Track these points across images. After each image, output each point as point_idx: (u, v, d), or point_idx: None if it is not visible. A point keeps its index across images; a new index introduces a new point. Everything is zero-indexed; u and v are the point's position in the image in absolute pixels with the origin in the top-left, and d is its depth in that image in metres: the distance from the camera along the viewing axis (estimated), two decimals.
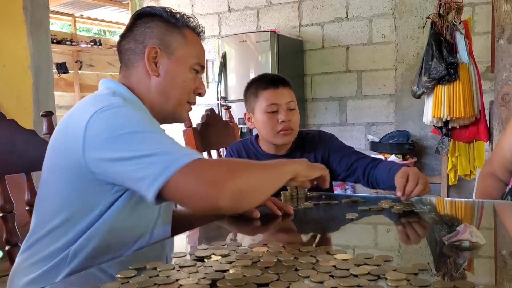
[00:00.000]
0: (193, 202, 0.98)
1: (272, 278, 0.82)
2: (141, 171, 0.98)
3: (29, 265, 1.14)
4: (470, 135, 3.74)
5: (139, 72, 1.23)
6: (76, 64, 7.92)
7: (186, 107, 1.29)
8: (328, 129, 4.85)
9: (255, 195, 1.05)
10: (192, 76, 1.27)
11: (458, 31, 3.59)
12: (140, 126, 1.03)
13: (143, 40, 1.22)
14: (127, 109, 1.08)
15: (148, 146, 1.00)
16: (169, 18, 1.25)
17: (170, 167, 0.96)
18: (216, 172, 0.98)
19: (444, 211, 1.51)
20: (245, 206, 1.11)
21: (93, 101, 1.11)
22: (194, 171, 0.97)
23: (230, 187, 0.96)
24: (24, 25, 3.65)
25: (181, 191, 0.97)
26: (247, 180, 1.02)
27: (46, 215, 1.13)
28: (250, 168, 1.07)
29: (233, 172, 0.99)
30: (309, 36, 4.92)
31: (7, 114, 1.38)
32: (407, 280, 0.79)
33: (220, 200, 0.95)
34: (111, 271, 0.93)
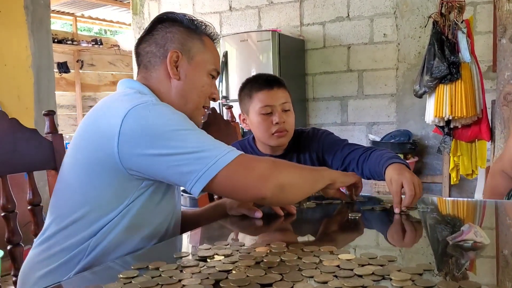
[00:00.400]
0: (241, 192, 1.09)
1: (276, 278, 0.81)
2: (188, 166, 1.05)
3: (47, 257, 1.16)
4: (472, 135, 3.73)
5: (160, 75, 1.26)
6: (77, 63, 7.93)
7: (201, 111, 1.33)
8: (329, 129, 4.82)
9: (296, 191, 1.16)
10: (209, 81, 1.31)
11: (460, 30, 3.59)
12: (179, 123, 1.10)
13: (165, 44, 1.26)
14: (163, 106, 1.13)
15: (192, 143, 1.07)
16: (189, 25, 1.29)
17: (218, 163, 1.05)
18: (262, 166, 1.10)
19: (446, 211, 1.51)
20: (286, 199, 1.20)
21: (125, 99, 1.14)
22: (242, 165, 1.08)
23: (275, 180, 1.09)
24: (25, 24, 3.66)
25: (229, 184, 1.07)
26: (290, 176, 1.14)
27: (68, 207, 1.15)
28: (292, 166, 1.21)
29: (277, 167, 1.11)
30: (310, 35, 4.92)
31: (8, 113, 1.37)
32: (412, 281, 0.79)
33: (265, 190, 1.07)
34: (113, 271, 0.93)
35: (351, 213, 1.33)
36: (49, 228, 1.18)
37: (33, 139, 1.42)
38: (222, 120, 2.33)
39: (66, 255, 1.13)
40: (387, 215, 1.35)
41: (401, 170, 1.40)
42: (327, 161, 1.83)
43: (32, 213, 1.43)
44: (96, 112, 1.18)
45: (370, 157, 1.67)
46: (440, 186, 4.31)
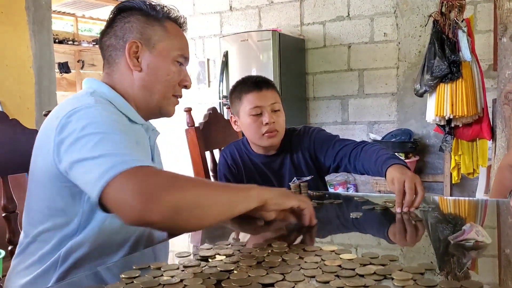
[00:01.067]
0: (123, 213, 0.90)
1: (277, 278, 0.81)
2: (90, 173, 0.93)
3: (22, 268, 1.14)
4: (473, 134, 3.73)
5: (121, 69, 1.21)
6: (78, 63, 7.92)
7: (172, 101, 1.27)
8: (330, 128, 4.86)
9: (200, 213, 0.94)
10: (176, 69, 1.24)
11: (461, 29, 3.58)
12: (102, 127, 0.99)
13: (123, 35, 1.20)
14: (95, 109, 1.05)
15: (102, 147, 0.95)
16: (149, 11, 1.22)
17: (112, 169, 0.90)
18: (155, 182, 0.90)
19: (448, 210, 1.50)
20: (186, 224, 0.96)
21: (69, 102, 1.09)
22: (133, 178, 0.89)
23: (166, 201, 0.88)
24: (27, 25, 3.66)
25: (116, 198, 0.90)
26: (190, 196, 0.93)
27: (35, 219, 1.13)
28: (200, 184, 1.00)
29: (174, 186, 0.92)
30: (310, 34, 4.92)
31: (9, 114, 1.38)
32: (414, 280, 0.79)
33: (151, 213, 0.87)
34: (115, 272, 0.93)
35: (353, 213, 1.33)
36: (24, 239, 1.17)
37: (33, 140, 1.42)
38: (223, 119, 2.33)
39: (40, 267, 1.11)
40: (389, 215, 1.35)
41: (403, 170, 1.41)
42: (319, 158, 1.84)
43: None
44: (48, 117, 1.14)
45: (362, 152, 1.69)
46: (441, 185, 4.31)
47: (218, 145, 2.22)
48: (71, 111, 1.03)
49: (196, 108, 3.81)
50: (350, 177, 4.76)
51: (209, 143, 2.12)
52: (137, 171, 0.90)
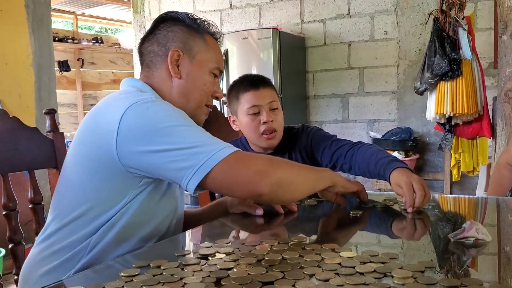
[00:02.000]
0: (237, 188, 1.07)
1: (277, 276, 0.81)
2: (184, 162, 1.03)
3: (48, 254, 1.16)
4: (473, 132, 3.73)
5: (161, 74, 1.27)
6: (77, 62, 7.93)
7: (204, 110, 1.33)
8: (330, 126, 4.86)
9: (295, 189, 1.12)
10: (211, 80, 1.31)
11: (461, 27, 3.58)
12: (177, 120, 1.09)
13: (166, 43, 1.26)
14: (162, 103, 1.13)
15: (189, 138, 1.06)
16: (191, 24, 1.29)
17: (214, 157, 1.03)
18: (259, 161, 1.07)
19: (448, 208, 1.50)
20: (284, 197, 1.14)
21: (125, 97, 1.14)
22: (239, 160, 1.05)
23: (272, 176, 1.05)
24: (26, 23, 3.66)
25: (225, 179, 1.04)
26: (288, 173, 1.10)
27: (69, 205, 1.16)
28: (290, 163, 1.17)
29: (274, 164, 1.09)
30: (311, 33, 4.92)
31: (9, 112, 1.38)
32: (414, 278, 0.78)
33: (262, 187, 1.04)
34: (115, 270, 0.93)
35: (353, 211, 1.33)
36: (50, 226, 1.19)
37: (34, 138, 1.42)
38: (223, 117, 2.33)
39: (67, 253, 1.13)
40: (389, 213, 1.35)
41: (408, 173, 1.40)
42: (316, 157, 1.82)
43: (33, 211, 1.43)
44: (97, 110, 1.19)
45: (359, 153, 1.67)
46: (441, 183, 4.31)
47: None
48: (135, 103, 1.09)
49: None
50: (350, 175, 4.75)
51: None
52: (237, 155, 1.06)
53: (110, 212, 1.13)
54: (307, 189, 1.17)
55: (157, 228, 1.21)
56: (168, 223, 1.25)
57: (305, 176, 1.16)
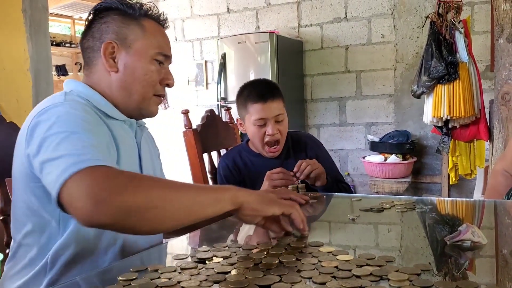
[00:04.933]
0: (75, 213, 0.87)
1: (274, 279, 0.81)
2: (50, 174, 0.92)
3: (14, 273, 1.13)
4: (471, 135, 3.74)
5: (99, 70, 1.20)
6: (75, 66, 7.92)
7: (154, 101, 1.24)
8: (328, 129, 4.87)
9: (153, 216, 0.89)
10: (155, 68, 1.22)
11: (458, 31, 3.59)
12: (66, 126, 0.98)
13: (100, 36, 1.19)
14: (62, 107, 1.03)
15: (63, 147, 0.93)
16: (126, 10, 1.21)
17: (68, 169, 0.88)
18: (107, 183, 0.86)
19: (445, 211, 1.51)
20: (137, 227, 0.90)
21: (43, 102, 1.09)
22: (86, 178, 0.87)
23: (115, 203, 0.84)
24: (24, 27, 3.66)
25: (68, 199, 0.87)
26: (144, 198, 0.87)
27: (19, 222, 1.13)
28: (160, 186, 0.93)
29: (127, 187, 0.87)
30: (308, 36, 4.92)
31: (6, 117, 1.38)
32: (410, 281, 0.79)
33: (100, 215, 0.84)
34: (113, 274, 0.93)
35: (349, 214, 1.33)
36: (14, 242, 1.16)
37: None
38: (221, 121, 2.33)
39: (30, 271, 1.10)
40: (386, 216, 1.35)
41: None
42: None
43: None
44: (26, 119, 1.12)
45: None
46: (439, 186, 4.31)
47: (216, 147, 2.23)
48: (41, 110, 1.03)
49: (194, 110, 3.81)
50: (348, 178, 4.76)
51: (207, 145, 2.12)
52: (91, 171, 0.87)
53: (52, 223, 1.07)
54: (183, 215, 0.93)
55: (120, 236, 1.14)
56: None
57: (179, 200, 0.92)
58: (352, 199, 1.57)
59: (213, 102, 4.82)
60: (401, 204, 1.41)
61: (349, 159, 4.81)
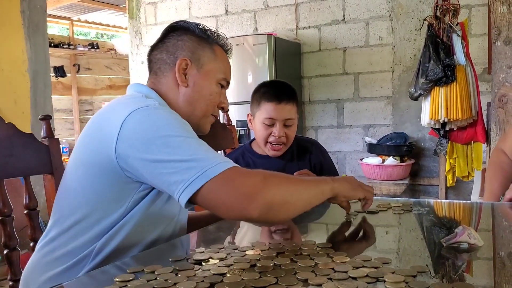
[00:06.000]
0: (224, 210, 1.01)
1: (271, 281, 0.82)
2: (177, 175, 1.01)
3: (51, 260, 1.16)
4: (468, 137, 3.74)
5: (168, 81, 1.28)
6: (73, 67, 7.91)
7: (209, 119, 1.34)
8: (325, 131, 4.87)
9: (288, 208, 1.05)
10: (218, 90, 1.32)
11: (455, 33, 3.60)
12: (177, 130, 1.07)
13: (175, 51, 1.28)
14: (164, 111, 1.12)
15: (185, 151, 1.03)
16: (201, 34, 1.31)
17: (206, 174, 0.99)
18: (250, 182, 1.00)
19: (442, 213, 1.51)
20: (276, 218, 1.07)
21: (129, 102, 1.15)
22: (229, 179, 1.00)
23: (262, 198, 0.98)
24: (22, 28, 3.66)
25: (213, 198, 0.99)
26: (281, 192, 1.03)
27: (69, 209, 1.16)
28: (286, 181, 1.07)
29: (267, 184, 1.01)
30: (306, 38, 4.93)
31: (4, 118, 1.38)
32: (406, 283, 0.79)
33: (250, 210, 0.98)
34: (109, 275, 0.93)
35: (346, 215, 1.33)
36: (52, 230, 1.19)
37: (29, 144, 1.42)
38: (219, 123, 2.33)
39: (71, 259, 1.13)
40: (382, 217, 1.36)
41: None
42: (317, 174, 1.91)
43: (29, 217, 1.43)
44: (101, 114, 1.19)
45: None
46: (436, 188, 4.32)
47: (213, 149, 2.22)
48: (137, 109, 1.09)
49: None
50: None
51: None
52: (230, 173, 1.01)
53: (112, 217, 1.13)
54: (303, 207, 1.10)
55: (161, 234, 1.22)
56: (172, 229, 1.25)
57: (300, 194, 1.08)
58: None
59: None
60: (398, 206, 1.42)
61: (347, 161, 4.81)
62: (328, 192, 1.15)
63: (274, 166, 1.85)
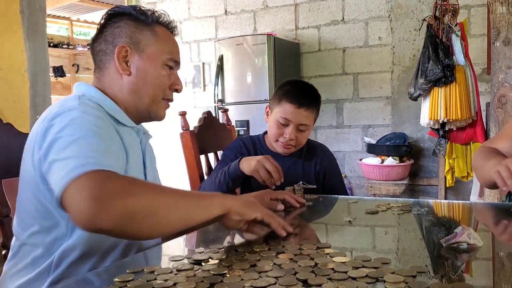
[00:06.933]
0: (75, 217, 0.88)
1: (270, 281, 0.82)
2: (55, 175, 0.94)
3: (15, 272, 1.14)
4: (467, 137, 3.75)
5: (111, 73, 1.23)
6: (73, 67, 7.92)
7: (162, 105, 1.28)
8: (325, 131, 4.87)
9: (153, 222, 0.92)
10: (166, 73, 1.26)
11: (454, 33, 3.60)
12: (77, 130, 1.00)
13: (113, 40, 1.22)
14: (76, 112, 1.05)
15: (71, 149, 0.95)
16: (139, 16, 1.24)
17: (71, 172, 0.89)
18: (109, 187, 0.88)
19: (442, 213, 1.51)
20: (136, 232, 0.92)
21: (56, 105, 1.11)
22: (88, 182, 0.88)
23: (116, 208, 0.86)
24: (21, 28, 3.65)
25: (69, 202, 0.89)
26: (144, 204, 0.90)
27: (25, 221, 1.13)
28: (158, 192, 0.96)
29: (128, 192, 0.89)
30: (305, 38, 4.93)
31: (3, 118, 1.38)
32: (405, 283, 0.79)
33: (100, 220, 0.85)
34: (109, 275, 0.93)
35: (346, 216, 1.33)
36: (16, 241, 1.17)
37: None
38: (218, 123, 2.33)
39: (33, 271, 1.11)
40: (382, 218, 1.36)
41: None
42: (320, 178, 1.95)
43: None
44: (37, 121, 1.14)
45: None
46: (436, 189, 4.32)
47: (213, 149, 2.23)
48: (55, 113, 1.05)
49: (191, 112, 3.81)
50: (345, 180, 4.76)
51: (204, 147, 2.13)
52: (93, 175, 0.89)
53: (61, 225, 1.09)
54: (179, 221, 0.97)
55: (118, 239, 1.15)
56: None
57: (175, 206, 0.95)
58: (348, 201, 1.57)
59: (210, 104, 4.82)
60: (397, 206, 1.42)
61: (346, 161, 4.81)
62: (216, 206, 1.03)
63: (280, 164, 1.86)
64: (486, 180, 1.50)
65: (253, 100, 4.43)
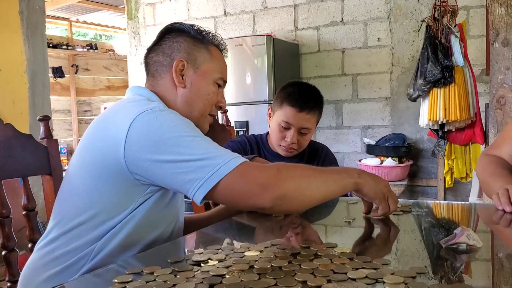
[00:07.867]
0: (240, 202, 1.08)
1: (270, 282, 0.81)
2: (191, 174, 1.05)
3: (50, 260, 1.16)
4: (466, 138, 3.75)
5: (166, 83, 1.29)
6: (72, 68, 7.92)
7: (208, 119, 1.36)
8: (324, 133, 4.88)
9: (303, 200, 1.11)
10: (215, 90, 1.34)
11: (453, 34, 3.61)
12: (185, 130, 1.10)
13: (171, 53, 1.30)
14: (169, 113, 1.14)
15: (196, 150, 1.07)
16: (196, 35, 1.33)
17: (220, 171, 1.04)
18: (263, 175, 1.06)
19: (441, 214, 1.51)
20: (290, 209, 1.15)
21: (133, 105, 1.16)
22: (243, 173, 1.06)
23: (275, 190, 1.05)
24: (20, 29, 3.66)
25: (229, 193, 1.06)
26: (295, 185, 1.08)
27: (73, 211, 1.16)
28: (301, 174, 1.12)
29: (281, 176, 1.07)
30: (304, 39, 4.94)
31: (3, 118, 1.38)
32: (405, 284, 0.79)
33: (264, 200, 1.05)
34: (109, 276, 0.93)
35: (345, 217, 1.33)
36: (52, 231, 1.19)
37: (28, 144, 1.42)
38: (217, 124, 2.33)
39: (70, 258, 1.14)
40: (381, 219, 1.36)
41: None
42: None
43: (27, 218, 1.43)
44: (104, 117, 1.20)
45: None
46: (435, 190, 4.32)
47: None
48: (144, 112, 1.10)
49: None
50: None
51: None
52: (243, 167, 1.06)
53: (116, 218, 1.14)
54: (319, 199, 1.15)
55: (160, 236, 1.23)
56: (170, 231, 1.26)
57: (317, 187, 1.13)
58: (348, 202, 1.57)
59: None
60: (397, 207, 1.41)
61: (346, 162, 4.81)
62: (350, 187, 1.19)
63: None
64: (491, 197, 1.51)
65: (253, 101, 4.43)
